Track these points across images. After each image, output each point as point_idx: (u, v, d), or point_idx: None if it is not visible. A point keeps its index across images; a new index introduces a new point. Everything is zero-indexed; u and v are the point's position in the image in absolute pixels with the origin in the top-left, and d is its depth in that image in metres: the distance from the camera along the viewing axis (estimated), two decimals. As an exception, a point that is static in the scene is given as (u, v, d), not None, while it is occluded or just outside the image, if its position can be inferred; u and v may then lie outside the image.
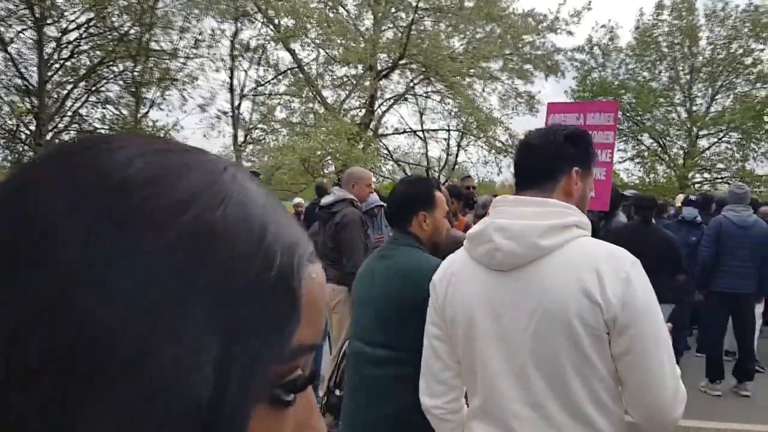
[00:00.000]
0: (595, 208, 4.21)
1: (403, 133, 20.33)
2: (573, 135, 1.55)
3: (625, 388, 1.38)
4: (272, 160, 15.68)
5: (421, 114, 20.28)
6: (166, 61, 19.44)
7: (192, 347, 0.31)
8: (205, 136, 19.87)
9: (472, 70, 16.83)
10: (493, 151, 18.75)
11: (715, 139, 22.11)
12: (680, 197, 9.10)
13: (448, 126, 20.40)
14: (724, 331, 6.50)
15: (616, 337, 1.33)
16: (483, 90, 18.96)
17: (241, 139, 18.68)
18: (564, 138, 1.53)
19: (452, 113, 19.67)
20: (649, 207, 5.87)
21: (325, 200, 4.60)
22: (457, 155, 21.09)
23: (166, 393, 0.30)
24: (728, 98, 21.79)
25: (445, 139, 20.93)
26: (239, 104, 18.92)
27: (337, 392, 4.19)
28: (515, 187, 1.59)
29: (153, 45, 19.08)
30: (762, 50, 20.57)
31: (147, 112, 19.90)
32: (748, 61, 20.76)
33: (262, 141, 19.11)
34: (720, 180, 21.32)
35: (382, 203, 6.48)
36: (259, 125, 19.24)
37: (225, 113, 19.32)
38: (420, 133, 20.39)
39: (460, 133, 20.09)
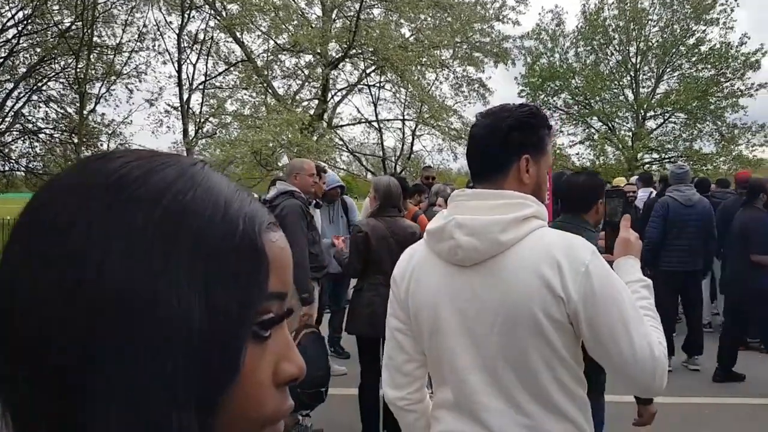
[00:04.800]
0: None
1: (357, 123, 20.22)
2: (520, 121, 1.50)
3: (603, 365, 1.42)
4: (223, 154, 15.40)
5: (375, 104, 20.20)
6: (110, 55, 18.90)
7: (183, 290, 0.41)
8: (153, 133, 19.46)
9: (423, 59, 16.81)
10: (448, 138, 18.81)
11: (662, 120, 22.72)
12: (619, 179, 9.27)
13: (403, 115, 20.37)
14: (676, 308, 6.63)
15: (583, 327, 1.36)
16: (436, 79, 19.01)
17: (191, 133, 18.25)
18: (509, 127, 1.48)
19: (406, 103, 19.66)
20: None
21: (269, 195, 4.49)
22: (412, 144, 21.09)
23: (172, 328, 0.40)
24: (673, 79, 22.41)
25: (399, 128, 20.91)
26: (188, 98, 18.50)
27: (298, 390, 4.14)
28: (471, 177, 1.59)
29: (96, 40, 18.54)
30: (703, 31, 21.22)
31: (93, 109, 19.33)
32: (691, 42, 21.35)
33: (214, 135, 18.75)
34: (668, 159, 21.88)
35: (342, 183, 6.39)
36: (210, 119, 18.85)
37: (175, 108, 18.88)
38: (375, 124, 20.29)
39: (415, 122, 20.08)
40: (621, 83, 22.91)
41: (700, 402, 5.28)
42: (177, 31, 18.38)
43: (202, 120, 18.64)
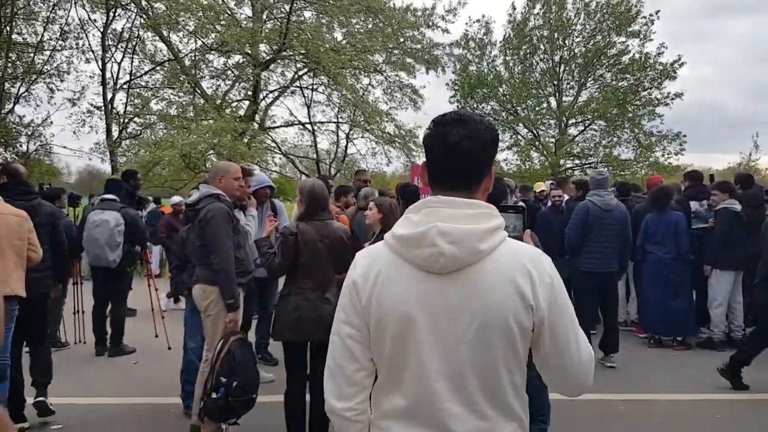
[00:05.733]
0: None
1: (291, 125, 20.06)
2: (496, 135, 1.58)
3: (548, 369, 1.52)
4: (149, 155, 14.94)
5: (309, 107, 20.11)
6: (31, 53, 18.11)
7: None
8: (75, 133, 18.74)
9: (355, 62, 16.86)
10: (381, 142, 18.93)
11: (582, 128, 23.62)
12: (538, 184, 9.57)
13: (337, 118, 20.37)
14: (596, 307, 6.91)
15: (545, 334, 1.46)
16: (369, 83, 19.11)
17: (115, 134, 17.66)
18: (491, 141, 1.55)
19: (339, 106, 19.69)
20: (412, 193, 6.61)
21: (192, 198, 4.39)
22: (346, 147, 21.12)
23: None
24: (595, 88, 23.33)
25: (333, 131, 20.90)
26: (113, 97, 17.90)
27: (214, 395, 4.05)
28: (433, 184, 1.55)
29: (15, 37, 17.75)
30: (623, 42, 22.18)
31: (11, 109, 18.46)
32: (611, 52, 22.28)
33: (139, 136, 18.20)
34: (588, 165, 22.78)
35: (271, 184, 6.28)
36: (135, 119, 18.29)
37: (98, 108, 18.23)
38: (308, 126, 20.19)
39: (349, 126, 20.12)
40: (545, 91, 23.68)
41: (617, 398, 5.49)
42: (101, 29, 17.81)
43: (126, 120, 18.09)
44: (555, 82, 23.35)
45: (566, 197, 8.83)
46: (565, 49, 22.79)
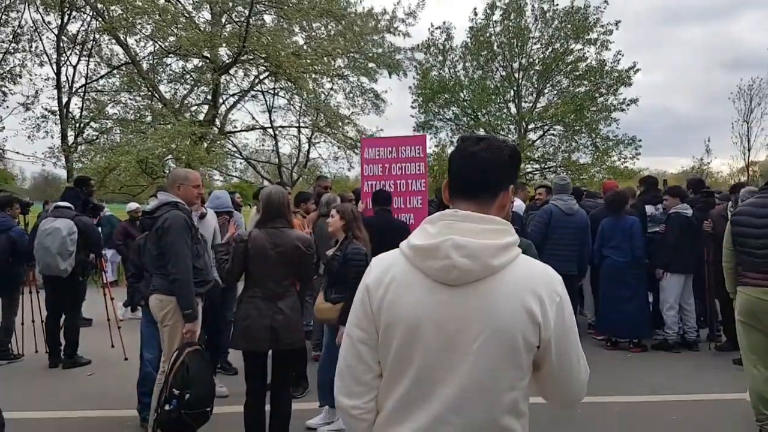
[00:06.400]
0: None
1: (251, 129, 19.87)
2: (515, 153, 1.62)
3: (551, 383, 1.58)
4: (105, 161, 14.58)
5: (270, 111, 19.97)
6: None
7: None
8: (29, 137, 18.20)
9: (316, 67, 16.79)
10: (344, 147, 18.90)
11: (541, 132, 24.02)
12: None
13: (299, 122, 20.26)
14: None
15: (552, 353, 1.50)
16: (331, 88, 19.08)
17: (71, 139, 17.20)
18: (509, 156, 1.58)
19: (301, 110, 19.60)
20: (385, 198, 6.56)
21: (148, 206, 4.30)
22: (308, 152, 21.03)
23: None
24: (553, 94, 23.74)
25: (295, 136, 20.78)
26: (68, 101, 17.45)
27: (167, 407, 3.97)
28: (452, 195, 1.60)
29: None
30: (580, 50, 22.64)
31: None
32: (569, 59, 22.71)
33: (95, 141, 17.77)
34: (548, 169, 23.14)
35: (230, 209, 6.22)
36: (92, 123, 17.86)
37: (53, 112, 17.75)
38: (270, 130, 20.03)
39: (311, 130, 20.04)
40: (505, 97, 24.00)
41: (590, 401, 5.55)
42: (56, 32, 17.37)
43: (82, 125, 17.66)
44: (514, 88, 23.69)
45: (520, 202, 8.96)
46: (523, 56, 23.13)
